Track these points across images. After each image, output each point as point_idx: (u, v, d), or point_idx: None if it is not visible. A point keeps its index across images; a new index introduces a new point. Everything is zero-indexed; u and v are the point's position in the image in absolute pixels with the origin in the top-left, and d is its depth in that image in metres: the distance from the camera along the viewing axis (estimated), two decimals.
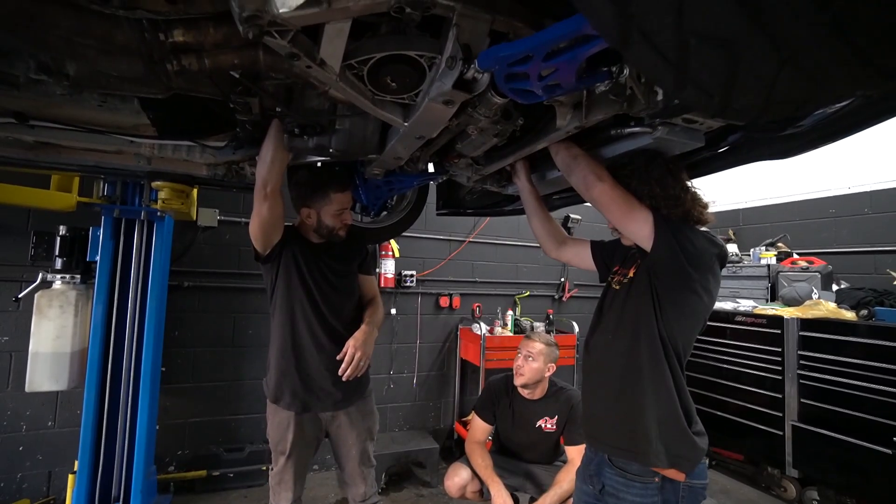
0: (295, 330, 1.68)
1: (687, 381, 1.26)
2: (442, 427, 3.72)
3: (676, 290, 1.21)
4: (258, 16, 0.71)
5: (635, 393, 1.22)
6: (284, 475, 1.69)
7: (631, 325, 1.26)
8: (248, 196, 3.06)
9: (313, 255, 1.72)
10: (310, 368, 1.67)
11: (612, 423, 1.27)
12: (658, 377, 1.20)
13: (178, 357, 2.90)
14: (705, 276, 1.21)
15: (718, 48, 0.39)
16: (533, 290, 4.09)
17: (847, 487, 2.70)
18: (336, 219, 1.69)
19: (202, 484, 2.83)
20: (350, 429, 1.75)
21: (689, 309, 1.23)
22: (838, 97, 0.67)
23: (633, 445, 1.21)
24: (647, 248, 1.21)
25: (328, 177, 1.66)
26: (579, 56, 0.77)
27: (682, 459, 1.18)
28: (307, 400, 1.67)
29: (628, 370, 1.24)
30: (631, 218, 1.22)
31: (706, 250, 1.21)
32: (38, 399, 2.57)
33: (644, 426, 1.19)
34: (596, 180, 1.21)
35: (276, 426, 1.70)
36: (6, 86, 1.08)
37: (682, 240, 1.18)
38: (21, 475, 2.55)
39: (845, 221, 3.63)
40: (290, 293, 1.68)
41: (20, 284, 2.43)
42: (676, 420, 1.19)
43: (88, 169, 1.59)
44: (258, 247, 1.64)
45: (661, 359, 1.20)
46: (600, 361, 1.34)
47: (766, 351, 3.13)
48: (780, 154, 1.09)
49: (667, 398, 1.20)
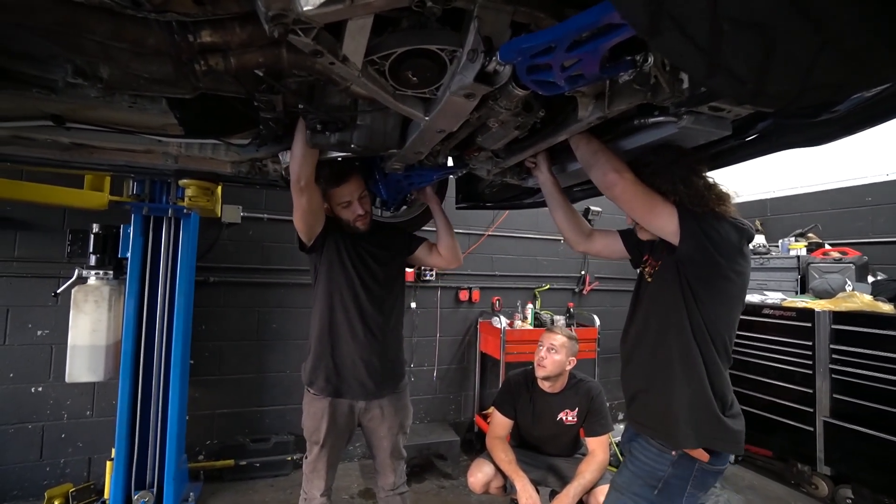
0: (333, 317, 1.72)
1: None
2: (462, 420, 3.75)
3: (708, 279, 1.23)
4: (283, 14, 0.72)
5: (666, 381, 1.27)
6: (318, 464, 1.73)
7: (660, 317, 1.30)
8: (271, 193, 3.13)
9: (354, 244, 1.76)
10: (343, 355, 1.70)
11: (645, 408, 1.34)
12: (688, 366, 1.24)
13: (205, 350, 2.99)
14: (734, 259, 1.23)
15: (754, 32, 0.38)
16: (553, 283, 4.06)
17: (884, 487, 2.60)
18: (345, 211, 1.71)
19: (230, 473, 2.93)
20: (382, 421, 1.77)
21: (724, 295, 1.25)
22: (880, 80, 0.64)
23: (662, 428, 1.27)
24: (675, 243, 1.22)
25: (326, 173, 1.66)
26: (603, 46, 0.76)
27: (716, 440, 1.23)
28: (339, 386, 1.70)
29: (659, 360, 1.29)
30: (655, 214, 1.22)
31: (731, 235, 1.22)
32: (78, 389, 2.70)
33: (674, 412, 1.24)
34: (617, 177, 1.20)
35: (311, 416, 1.73)
36: (45, 90, 1.13)
37: (707, 230, 1.19)
38: (64, 461, 2.69)
39: (883, 210, 3.47)
40: (331, 281, 1.73)
41: (58, 280, 2.54)
42: (707, 405, 1.22)
43: (119, 168, 1.66)
44: (303, 237, 1.71)
45: (691, 347, 1.23)
46: (633, 352, 1.39)
47: (796, 345, 3.03)
48: (814, 141, 1.05)
49: (698, 385, 1.23)
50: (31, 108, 1.25)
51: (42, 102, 1.21)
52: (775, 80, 0.43)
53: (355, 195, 1.71)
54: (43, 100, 1.19)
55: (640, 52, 0.88)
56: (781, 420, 3.07)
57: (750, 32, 0.39)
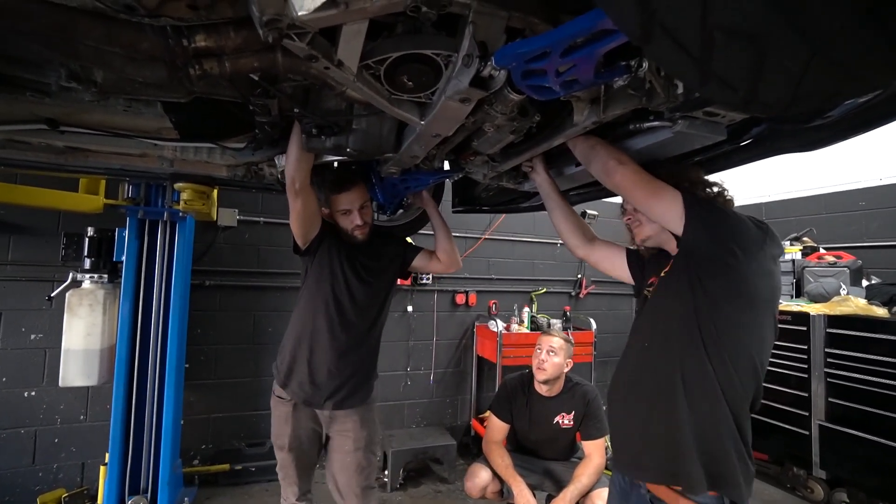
0: (315, 322, 1.69)
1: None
2: (459, 424, 3.74)
3: (724, 275, 1.05)
4: (277, 19, 0.72)
5: (671, 403, 1.06)
6: (287, 469, 1.72)
7: (666, 322, 1.12)
8: (267, 196, 3.13)
9: (349, 253, 1.74)
10: (320, 363, 1.67)
11: (646, 442, 1.11)
12: (699, 383, 1.04)
13: (200, 354, 2.98)
14: (753, 254, 1.04)
15: (744, 42, 0.38)
16: (549, 286, 4.06)
17: (879, 491, 2.61)
18: (344, 219, 1.70)
19: (225, 477, 2.91)
20: (347, 435, 1.70)
21: (745, 299, 1.04)
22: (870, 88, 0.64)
23: (671, 467, 1.05)
24: (679, 230, 1.09)
25: (330, 178, 1.66)
26: (598, 51, 0.76)
27: (728, 484, 1.02)
28: (311, 392, 1.66)
29: (665, 376, 1.09)
30: (658, 198, 1.11)
31: (749, 227, 1.07)
32: (71, 394, 2.67)
33: (682, 442, 1.03)
34: (617, 164, 1.14)
35: (274, 420, 1.72)
36: (39, 94, 1.13)
37: (718, 214, 1.06)
38: (57, 465, 2.66)
39: (876, 214, 3.50)
40: (320, 287, 1.71)
41: (52, 284, 2.53)
42: (726, 435, 1.02)
43: (114, 172, 1.65)
44: (298, 240, 1.70)
45: (702, 359, 1.04)
46: (634, 373, 1.20)
47: (791, 349, 3.04)
48: (807, 146, 1.06)
49: (709, 408, 1.03)
50: (26, 112, 1.24)
51: (36, 106, 1.21)
52: (767, 89, 0.44)
53: (356, 205, 1.69)
54: (37, 103, 1.19)
55: (635, 58, 0.88)
56: (777, 424, 3.07)
57: (741, 41, 0.39)
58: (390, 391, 3.50)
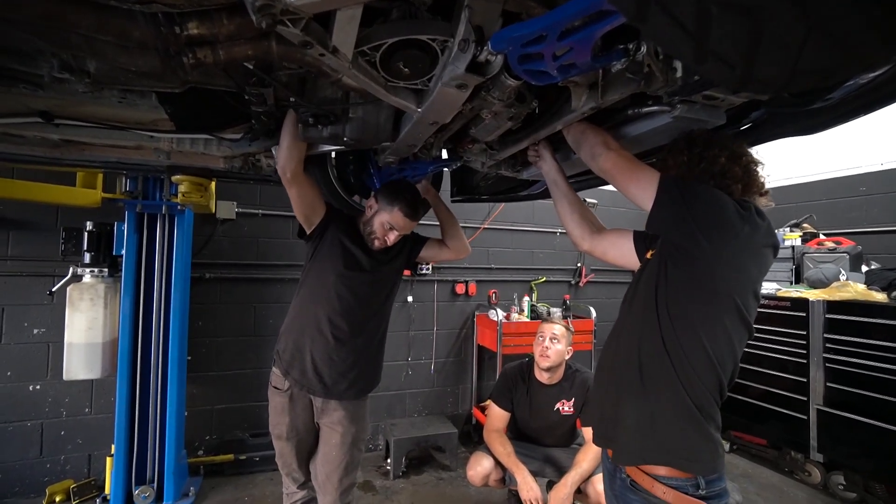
0: (318, 311, 1.67)
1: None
2: (460, 412, 3.77)
3: (684, 262, 1.02)
4: (270, 4, 0.71)
5: (633, 389, 1.08)
6: (286, 458, 1.73)
7: (637, 309, 1.12)
8: (266, 188, 3.12)
9: (355, 241, 1.72)
10: (321, 352, 1.66)
11: (615, 425, 1.12)
12: (660, 364, 1.04)
13: (202, 346, 2.99)
14: (721, 241, 0.99)
15: (741, 16, 0.38)
16: (549, 275, 4.07)
17: (875, 472, 2.65)
18: (381, 229, 1.67)
19: (230, 467, 2.94)
20: (336, 427, 1.69)
21: (704, 292, 1.02)
22: (869, 65, 0.63)
23: (638, 449, 1.06)
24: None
25: (409, 195, 1.65)
26: (594, 34, 0.75)
27: (687, 461, 1.01)
28: (311, 380, 1.65)
29: (629, 359, 1.10)
30: (635, 180, 1.08)
31: (727, 211, 1.00)
32: (76, 387, 2.69)
33: (645, 425, 1.04)
34: (602, 148, 1.14)
35: (272, 410, 1.72)
36: (32, 86, 1.11)
37: (689, 197, 1.00)
38: (64, 457, 2.69)
39: (877, 200, 3.49)
40: (323, 273, 1.69)
41: (53, 279, 2.53)
42: (682, 415, 1.01)
43: (111, 165, 1.64)
44: (303, 225, 1.72)
45: (661, 352, 1.04)
46: (606, 358, 1.23)
47: (790, 334, 3.06)
48: (807, 130, 1.05)
49: (669, 391, 1.03)
50: (19, 105, 1.23)
51: (29, 98, 1.20)
52: (764, 65, 0.43)
53: (403, 231, 1.68)
54: (30, 96, 1.17)
55: (633, 41, 0.87)
56: (775, 409, 3.10)
57: (737, 15, 0.38)
58: (392, 381, 3.52)
